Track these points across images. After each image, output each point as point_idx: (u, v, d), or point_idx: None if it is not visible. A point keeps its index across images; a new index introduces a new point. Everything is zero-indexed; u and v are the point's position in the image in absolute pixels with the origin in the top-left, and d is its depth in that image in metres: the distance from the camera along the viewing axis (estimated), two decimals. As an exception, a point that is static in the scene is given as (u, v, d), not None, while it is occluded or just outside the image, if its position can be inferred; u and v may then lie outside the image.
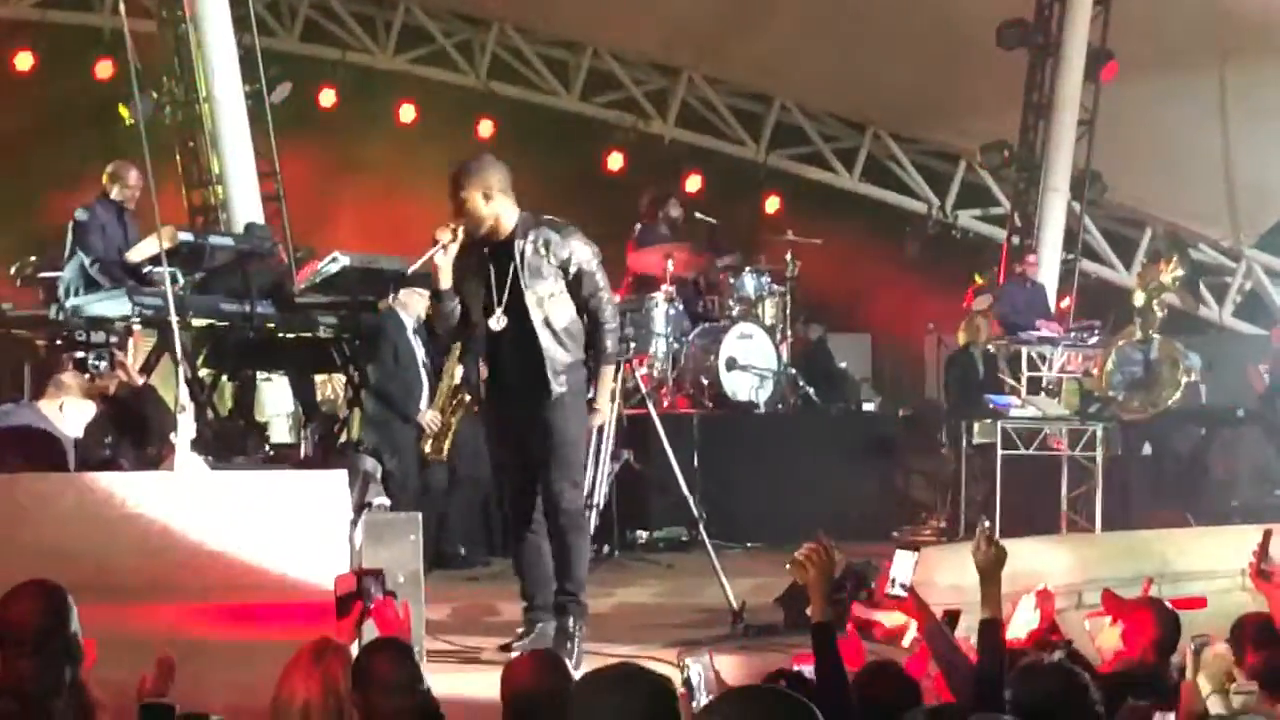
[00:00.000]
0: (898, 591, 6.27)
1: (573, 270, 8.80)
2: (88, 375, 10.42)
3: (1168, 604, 7.20)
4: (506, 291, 8.79)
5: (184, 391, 9.57)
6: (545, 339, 8.76)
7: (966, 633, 6.62)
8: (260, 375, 14.99)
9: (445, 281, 8.77)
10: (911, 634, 7.07)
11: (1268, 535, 7.25)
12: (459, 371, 10.40)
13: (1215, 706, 5.88)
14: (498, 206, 8.81)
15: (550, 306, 8.79)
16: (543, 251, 8.77)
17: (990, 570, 5.90)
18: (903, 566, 6.31)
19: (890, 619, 8.88)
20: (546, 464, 8.81)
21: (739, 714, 3.92)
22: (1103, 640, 7.04)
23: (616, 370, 9.81)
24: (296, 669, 5.02)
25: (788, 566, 5.81)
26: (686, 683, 5.06)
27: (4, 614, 5.14)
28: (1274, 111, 19.71)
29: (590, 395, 8.91)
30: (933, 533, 15.93)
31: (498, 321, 8.76)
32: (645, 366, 14.84)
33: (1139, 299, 15.78)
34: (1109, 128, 18.99)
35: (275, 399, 15.86)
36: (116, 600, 6.95)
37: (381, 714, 5.02)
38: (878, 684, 5.73)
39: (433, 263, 8.76)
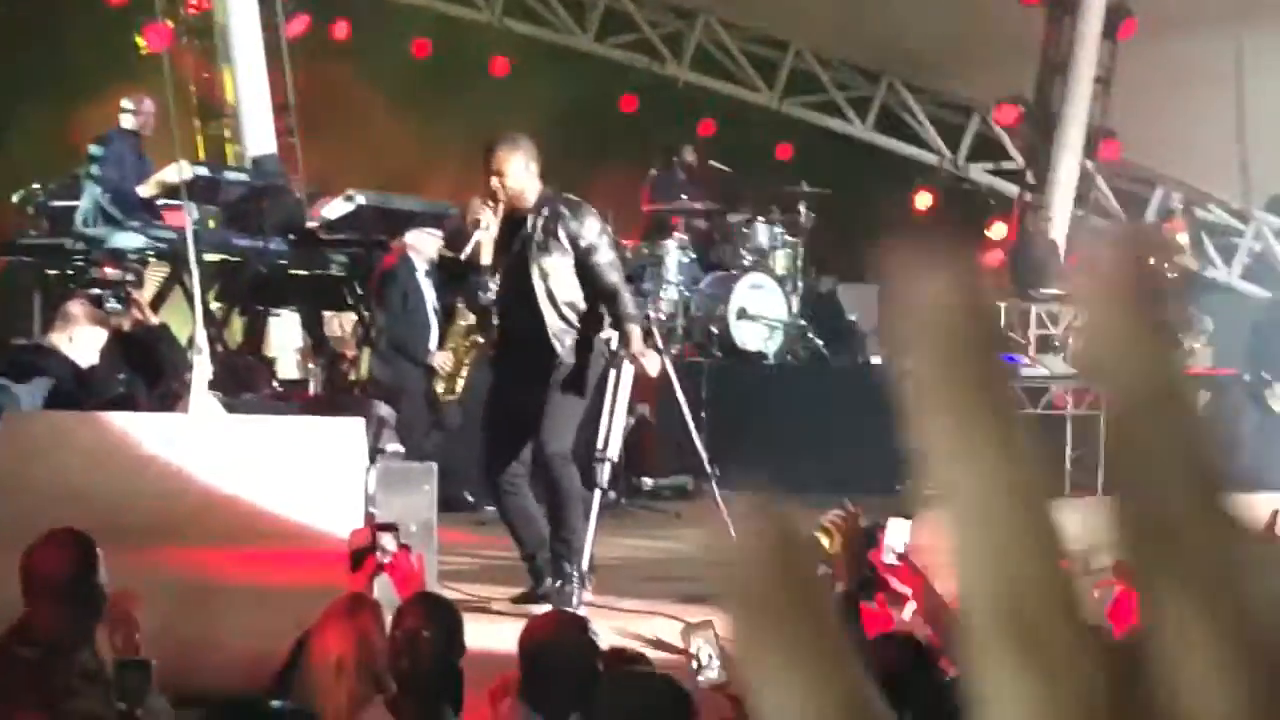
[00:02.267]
0: (892, 559, 6.25)
1: (582, 244, 8.91)
2: (104, 313, 10.43)
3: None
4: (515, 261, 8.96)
5: (200, 332, 9.57)
6: (547, 310, 8.89)
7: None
8: (270, 310, 15.00)
9: (487, 258, 8.87)
10: (910, 609, 7.05)
11: (1275, 515, 7.23)
12: (470, 316, 10.41)
13: None
14: (531, 180, 8.93)
15: (555, 280, 8.91)
16: (553, 226, 8.88)
17: None
18: (897, 533, 6.30)
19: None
20: (539, 429, 8.95)
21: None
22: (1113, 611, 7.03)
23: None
24: (329, 625, 5.02)
25: (817, 535, 5.80)
26: (695, 658, 5.05)
27: (33, 562, 5.14)
28: (1290, 74, 19.68)
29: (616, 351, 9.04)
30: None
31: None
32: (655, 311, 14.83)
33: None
34: (1124, 86, 18.92)
35: (283, 333, 15.86)
36: (131, 543, 6.94)
37: (415, 668, 5.03)
38: (891, 652, 5.73)
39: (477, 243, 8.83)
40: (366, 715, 4.92)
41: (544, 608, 7.85)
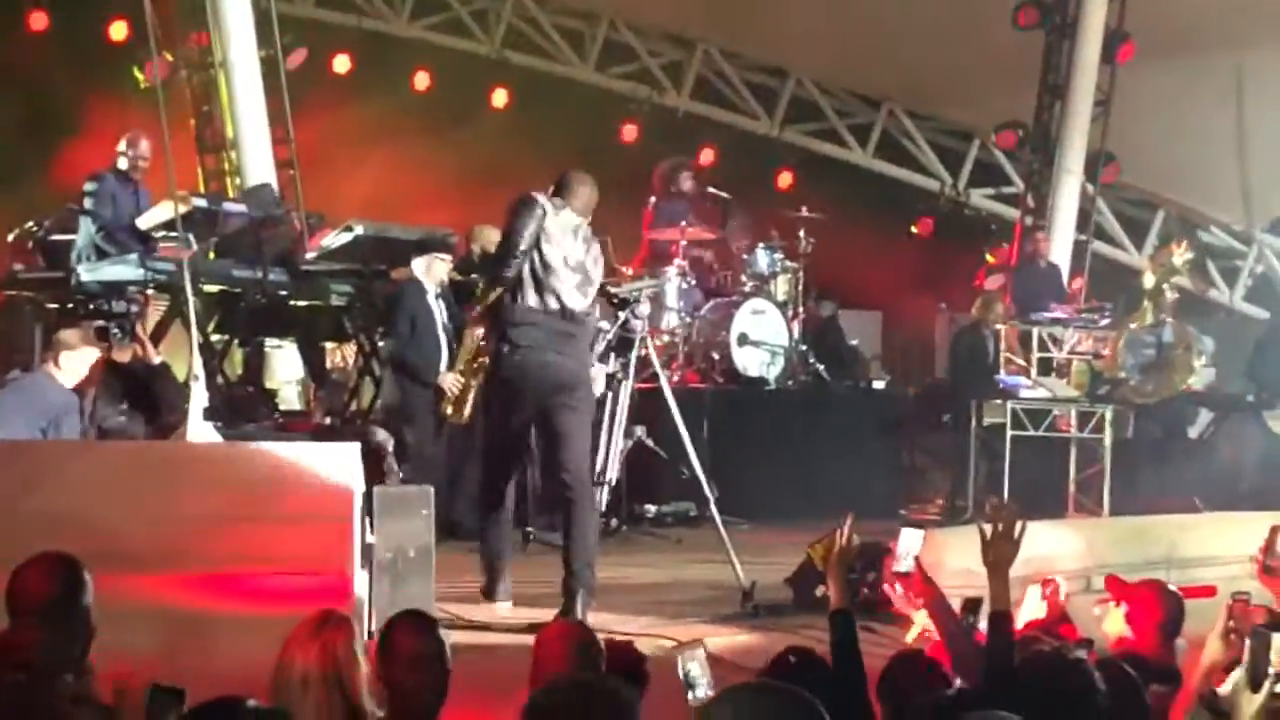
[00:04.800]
0: (904, 568, 6.27)
1: None
2: (106, 344, 10.46)
3: (1172, 587, 7.19)
4: None
5: (197, 360, 9.59)
6: None
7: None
8: (270, 342, 15.00)
9: None
10: (916, 630, 7.04)
11: (1274, 532, 7.21)
12: (479, 334, 10.42)
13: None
14: None
15: None
16: None
17: (1001, 565, 5.88)
18: (909, 544, 6.32)
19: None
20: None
21: (736, 713, 3.95)
22: (1108, 625, 7.03)
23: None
24: (296, 639, 5.01)
25: (808, 551, 5.82)
26: (686, 676, 5.05)
27: (16, 583, 5.11)
28: (1290, 96, 19.69)
29: None
30: (939, 511, 15.95)
31: None
32: (657, 340, 14.83)
33: (1149, 282, 15.73)
34: (1124, 110, 18.94)
35: (285, 366, 15.86)
36: (126, 570, 6.96)
37: (403, 688, 5.01)
38: (904, 672, 5.71)
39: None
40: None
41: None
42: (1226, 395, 16.72)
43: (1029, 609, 7.36)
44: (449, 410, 10.95)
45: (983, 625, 5.99)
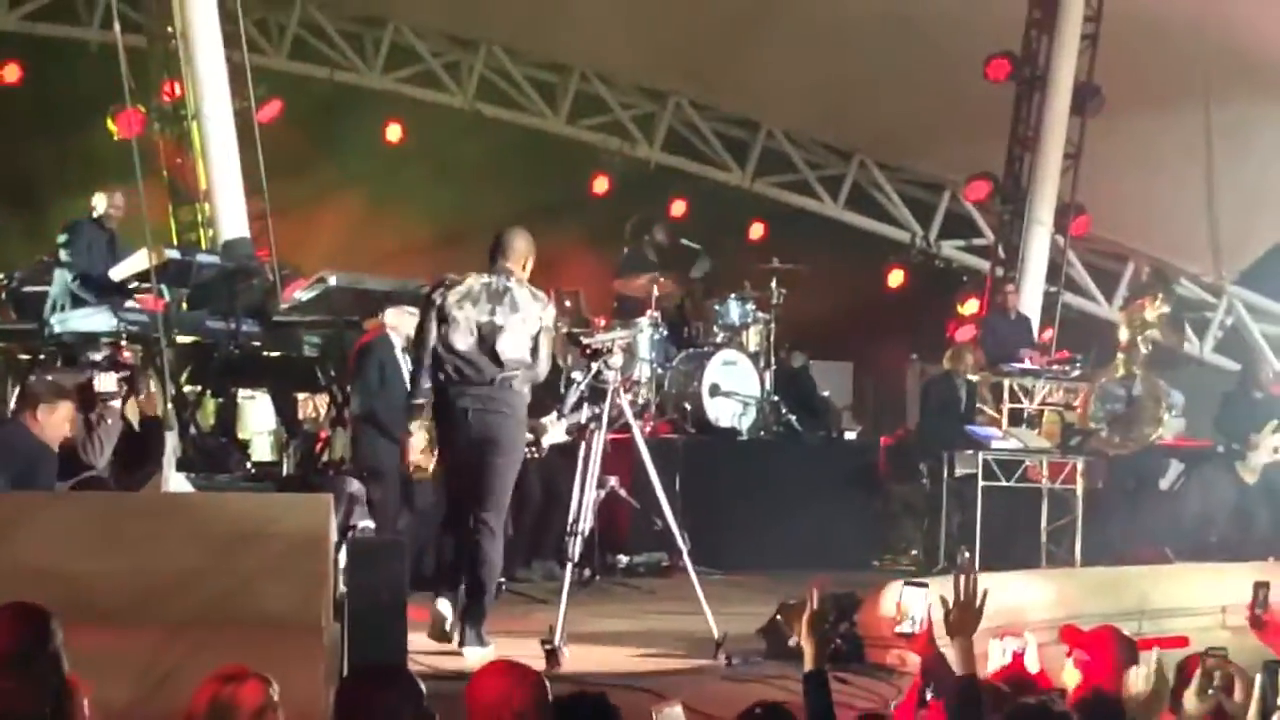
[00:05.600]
0: (908, 629, 6.16)
1: None
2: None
3: (1126, 633, 7.24)
4: None
5: (170, 412, 9.59)
6: None
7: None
8: (243, 393, 14.99)
9: None
10: (895, 703, 7.04)
11: (1258, 588, 7.23)
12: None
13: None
14: None
15: None
16: None
17: (965, 633, 5.86)
18: (915, 603, 6.21)
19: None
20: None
21: None
22: (1065, 677, 7.05)
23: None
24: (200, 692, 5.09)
25: (779, 617, 5.84)
26: None
27: None
28: (1258, 149, 19.80)
29: None
30: (911, 563, 15.96)
31: None
32: (630, 391, 14.83)
33: (1124, 335, 15.81)
34: (1094, 162, 19.03)
35: (258, 417, 15.85)
36: (98, 621, 6.92)
37: None
38: None
39: None
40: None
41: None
42: (1197, 447, 16.78)
43: (993, 663, 7.37)
44: (414, 470, 10.98)
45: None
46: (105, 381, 10.54)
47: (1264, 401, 16.09)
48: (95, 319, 12.55)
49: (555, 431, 11.35)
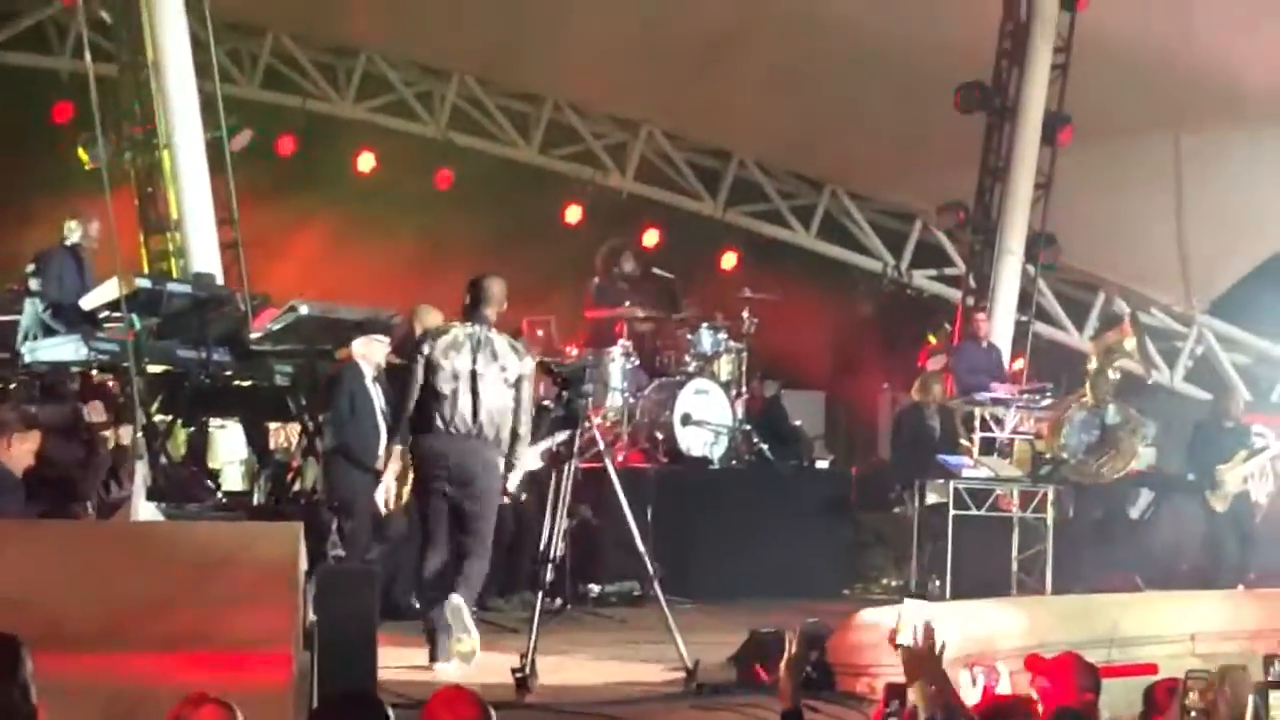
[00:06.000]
0: (908, 640, 6.14)
1: None
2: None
3: (1089, 659, 7.26)
4: None
5: (140, 440, 9.57)
6: None
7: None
8: (214, 422, 14.95)
9: None
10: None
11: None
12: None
13: None
14: None
15: None
16: None
17: (926, 678, 5.84)
18: (913, 615, 6.20)
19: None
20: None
21: None
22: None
23: None
24: None
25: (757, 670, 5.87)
26: None
27: None
28: (1228, 179, 19.89)
29: None
30: (883, 591, 15.98)
31: None
32: (601, 419, 14.84)
33: (1094, 364, 15.86)
34: (1064, 191, 19.08)
35: (229, 446, 15.80)
36: (68, 650, 6.91)
37: None
38: None
39: None
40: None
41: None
42: (1167, 476, 16.85)
43: (964, 693, 7.37)
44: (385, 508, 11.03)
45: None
46: (95, 412, 10.57)
47: (1235, 431, 16.18)
48: (66, 348, 12.52)
49: (529, 458, 11.36)
